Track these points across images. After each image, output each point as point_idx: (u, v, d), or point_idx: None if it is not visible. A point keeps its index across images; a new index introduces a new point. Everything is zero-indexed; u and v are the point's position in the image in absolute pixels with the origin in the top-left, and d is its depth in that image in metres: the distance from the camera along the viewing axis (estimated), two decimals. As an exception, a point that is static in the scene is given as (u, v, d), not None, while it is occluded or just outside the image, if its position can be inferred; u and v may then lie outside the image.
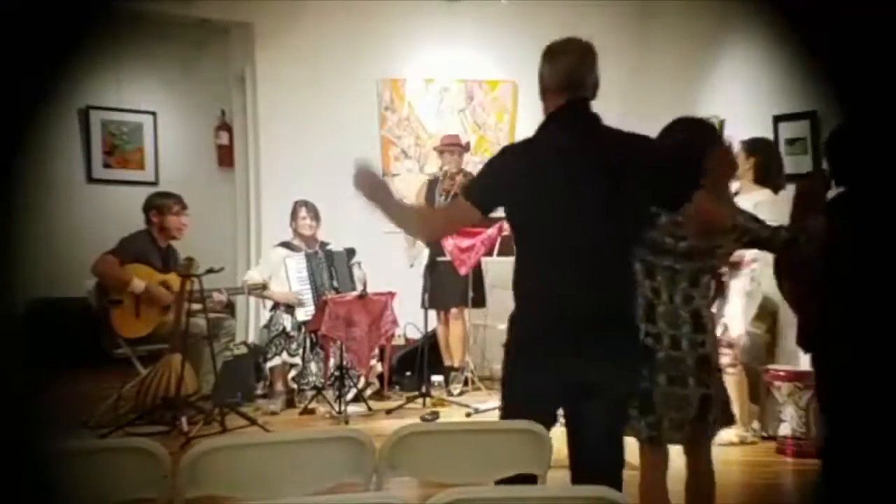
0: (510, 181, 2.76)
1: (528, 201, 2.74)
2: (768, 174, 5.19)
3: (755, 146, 5.17)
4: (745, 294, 5.10)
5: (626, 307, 2.83)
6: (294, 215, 6.40)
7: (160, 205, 5.88)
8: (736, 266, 5.04)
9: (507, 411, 2.85)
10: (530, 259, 2.79)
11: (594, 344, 2.68)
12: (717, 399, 3.09)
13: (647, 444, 3.07)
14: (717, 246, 3.05)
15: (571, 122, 2.80)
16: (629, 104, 7.50)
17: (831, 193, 3.20)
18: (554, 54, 2.88)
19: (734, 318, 5.07)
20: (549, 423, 2.76)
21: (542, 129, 2.88)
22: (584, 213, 2.68)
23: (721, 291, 4.92)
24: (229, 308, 6.83)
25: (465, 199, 2.84)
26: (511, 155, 2.97)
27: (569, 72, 2.82)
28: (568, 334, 2.67)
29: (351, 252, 6.40)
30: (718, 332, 4.94)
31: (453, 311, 6.50)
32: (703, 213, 2.85)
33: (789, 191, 5.27)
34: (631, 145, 2.78)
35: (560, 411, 2.87)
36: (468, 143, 6.89)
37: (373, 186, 2.99)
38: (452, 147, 6.66)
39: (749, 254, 4.99)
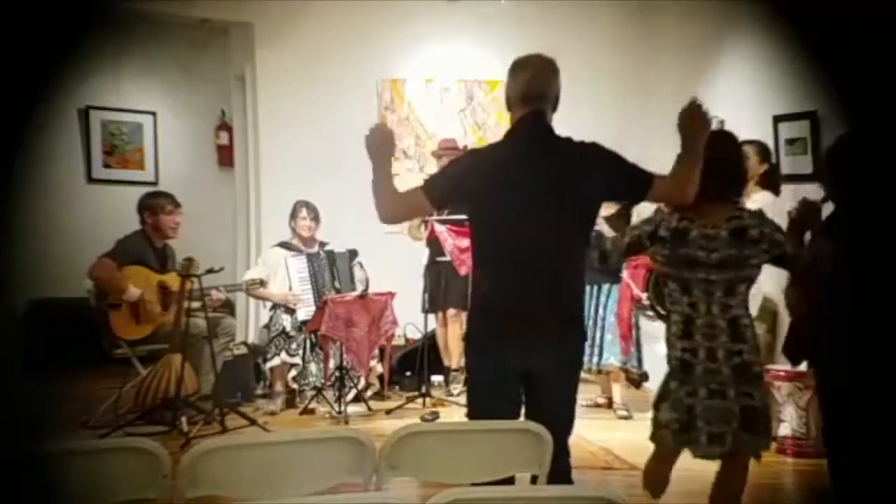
0: (468, 181, 2.97)
1: (481, 202, 2.96)
2: (773, 178, 5.21)
3: (766, 152, 5.18)
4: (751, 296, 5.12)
5: (572, 303, 3.01)
6: (294, 215, 6.39)
7: (152, 205, 5.87)
8: None
9: (471, 398, 3.12)
10: (482, 257, 3.07)
11: (538, 336, 2.89)
12: (763, 410, 3.11)
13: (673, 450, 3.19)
14: (748, 257, 3.09)
15: (527, 132, 2.98)
16: (629, 104, 7.50)
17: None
18: (516, 68, 3.03)
19: None
20: (512, 408, 2.97)
21: (506, 136, 3.07)
22: (530, 216, 2.87)
23: None
24: (229, 308, 6.83)
25: (422, 191, 3.03)
26: (474, 156, 3.25)
27: (527, 85, 2.97)
28: (513, 329, 2.88)
29: (353, 253, 6.40)
30: None
31: (451, 311, 6.50)
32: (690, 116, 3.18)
33: (786, 191, 5.29)
34: (581, 152, 3.00)
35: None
36: (466, 147, 6.89)
37: (383, 145, 3.30)
38: (450, 151, 6.67)
39: None
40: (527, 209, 2.87)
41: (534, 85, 2.97)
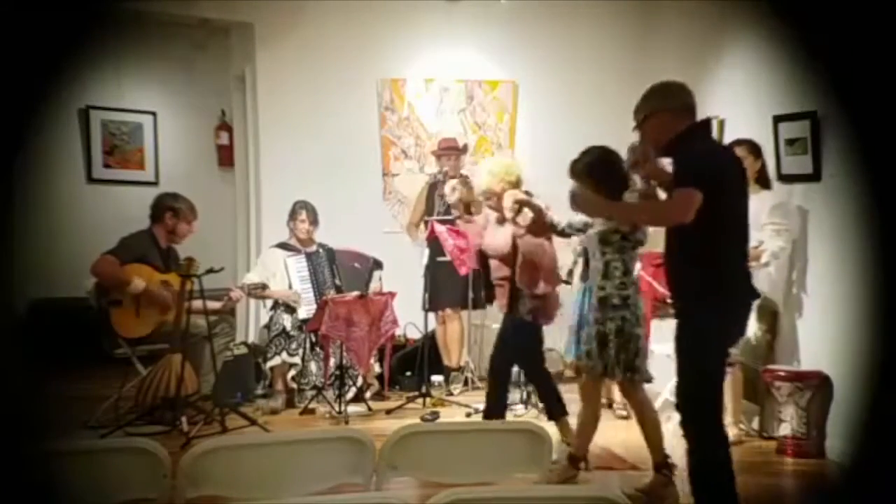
0: None
1: None
2: (767, 176, 5.22)
3: (758, 150, 5.19)
4: None
5: None
6: (293, 217, 6.39)
7: (178, 209, 5.85)
8: None
9: None
10: None
11: None
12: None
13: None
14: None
15: None
16: (630, 104, 7.48)
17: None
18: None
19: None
20: None
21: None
22: None
23: None
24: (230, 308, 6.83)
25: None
26: None
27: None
28: None
29: (377, 264, 6.38)
30: None
31: (448, 311, 6.50)
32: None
33: (786, 191, 5.30)
34: None
35: None
36: (465, 146, 6.89)
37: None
38: (450, 151, 6.67)
39: (765, 255, 5.00)
40: None
41: None
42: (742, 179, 3.65)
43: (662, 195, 3.93)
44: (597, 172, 4.21)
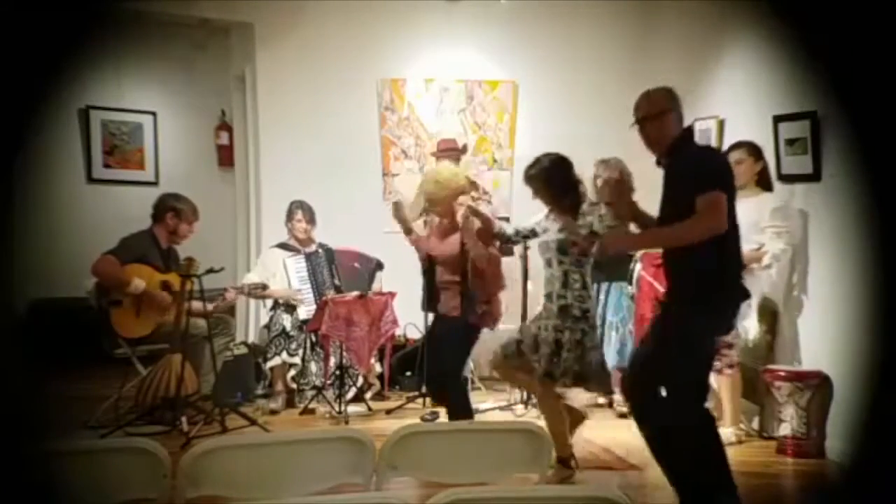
0: None
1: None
2: (768, 177, 5.22)
3: (760, 151, 5.19)
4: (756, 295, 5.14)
5: None
6: (290, 217, 6.38)
7: (180, 209, 5.86)
8: (746, 268, 5.05)
9: None
10: None
11: None
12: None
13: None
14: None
15: None
16: (629, 104, 7.48)
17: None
18: None
19: (750, 319, 5.11)
20: None
21: None
22: None
23: None
24: (229, 308, 6.82)
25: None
26: None
27: None
28: None
29: (379, 265, 6.39)
30: (729, 335, 5.07)
31: None
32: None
33: (787, 191, 5.30)
34: None
35: None
36: (465, 146, 6.88)
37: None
38: (449, 152, 6.67)
39: (766, 258, 5.00)
40: None
41: None
42: (734, 180, 3.81)
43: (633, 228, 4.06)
44: (551, 178, 4.36)
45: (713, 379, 5.32)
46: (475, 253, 4.70)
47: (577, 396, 4.83)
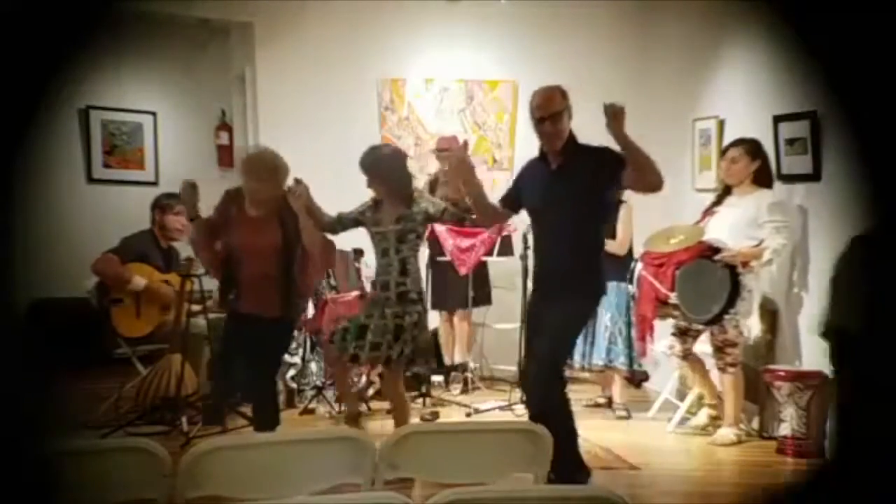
0: None
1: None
2: (767, 175, 5.21)
3: (758, 150, 5.19)
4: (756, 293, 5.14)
5: None
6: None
7: (163, 204, 5.94)
8: (747, 265, 5.05)
9: None
10: None
11: None
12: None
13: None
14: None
15: None
16: (629, 103, 7.47)
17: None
18: None
19: (752, 316, 5.11)
20: None
21: None
22: None
23: (737, 291, 4.96)
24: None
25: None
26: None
27: None
28: None
29: (359, 252, 6.39)
30: (732, 333, 5.07)
31: (460, 311, 6.50)
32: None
33: (786, 190, 5.30)
34: None
35: None
36: (466, 142, 6.85)
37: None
38: (449, 151, 6.65)
39: (766, 253, 5.01)
40: None
41: None
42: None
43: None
44: (384, 168, 4.76)
45: (717, 378, 5.33)
46: (308, 242, 4.55)
47: (577, 397, 4.82)
